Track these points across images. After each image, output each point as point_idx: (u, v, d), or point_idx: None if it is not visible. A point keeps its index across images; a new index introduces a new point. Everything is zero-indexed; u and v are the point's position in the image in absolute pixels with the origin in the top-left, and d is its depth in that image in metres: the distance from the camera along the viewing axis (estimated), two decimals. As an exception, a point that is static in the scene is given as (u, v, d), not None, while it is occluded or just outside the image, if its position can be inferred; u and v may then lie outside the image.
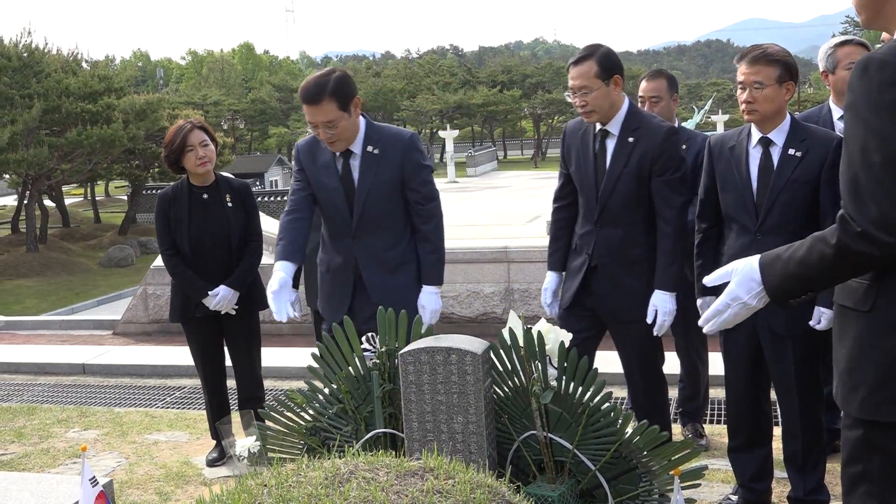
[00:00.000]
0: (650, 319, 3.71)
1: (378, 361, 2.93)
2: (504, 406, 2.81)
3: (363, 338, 2.97)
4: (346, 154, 3.74)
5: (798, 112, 3.59)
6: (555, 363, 2.76)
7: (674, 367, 4.84)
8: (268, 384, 5.05)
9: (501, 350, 2.79)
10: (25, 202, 20.54)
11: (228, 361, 4.83)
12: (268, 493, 2.05)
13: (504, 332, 2.80)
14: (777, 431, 3.77)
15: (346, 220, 3.77)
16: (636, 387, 3.89)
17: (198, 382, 5.41)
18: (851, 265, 2.00)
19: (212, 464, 4.74)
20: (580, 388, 2.71)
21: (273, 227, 7.78)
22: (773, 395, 3.69)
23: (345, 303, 3.80)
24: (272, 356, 6.49)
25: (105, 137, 18.72)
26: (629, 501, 2.72)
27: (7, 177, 22.31)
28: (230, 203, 4.62)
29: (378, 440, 2.89)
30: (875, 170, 1.92)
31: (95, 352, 7.98)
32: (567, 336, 2.84)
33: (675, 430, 4.73)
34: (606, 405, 2.72)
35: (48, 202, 23.16)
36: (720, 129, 31.35)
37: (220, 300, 4.54)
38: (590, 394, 2.71)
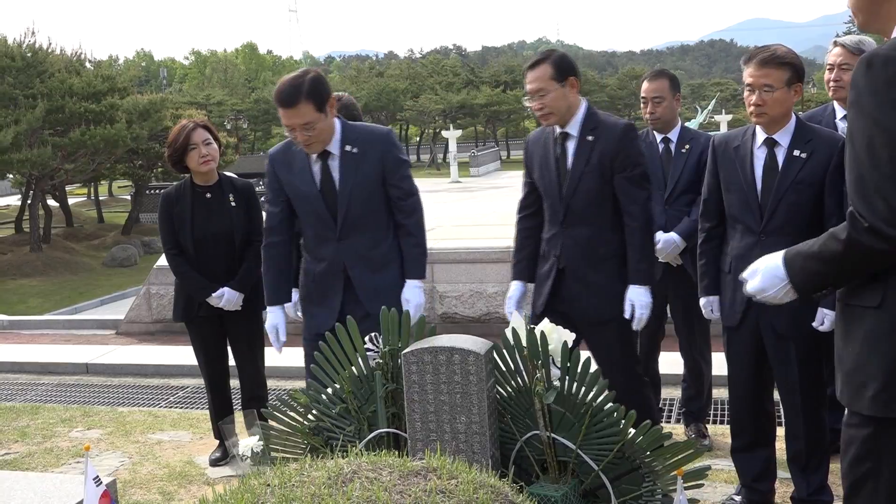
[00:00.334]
0: (628, 315, 3.73)
1: (381, 361, 2.94)
2: (507, 406, 2.81)
3: (366, 338, 2.98)
4: (324, 155, 3.70)
5: (802, 112, 3.58)
6: (558, 363, 2.76)
7: (677, 367, 4.84)
8: (271, 384, 5.05)
9: (504, 350, 2.79)
10: (29, 202, 20.53)
11: (232, 361, 4.83)
12: (271, 493, 2.05)
13: (507, 332, 2.80)
14: (780, 432, 3.76)
15: (330, 224, 3.73)
16: (617, 389, 3.89)
17: (201, 382, 5.40)
18: (862, 261, 2.00)
19: (215, 463, 4.75)
20: (583, 389, 2.71)
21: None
22: (777, 396, 3.69)
23: (335, 307, 3.76)
24: (275, 356, 6.46)
25: (108, 137, 18.70)
26: (632, 501, 2.72)
27: (11, 177, 22.33)
28: (233, 202, 4.62)
29: (381, 440, 2.89)
30: (882, 165, 1.92)
31: (99, 351, 7.99)
32: (570, 336, 2.84)
33: (679, 431, 4.74)
34: (609, 405, 2.72)
35: (52, 202, 23.14)
36: (723, 129, 31.27)
37: (227, 302, 4.55)
38: (593, 394, 2.71)
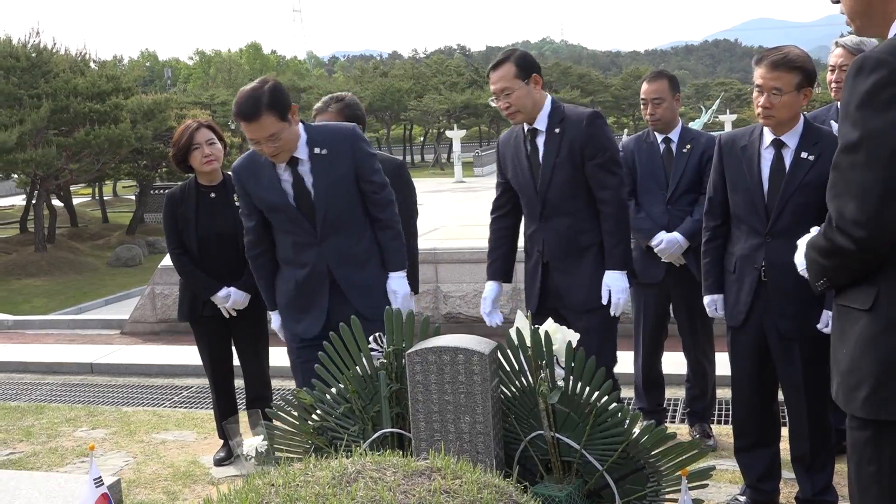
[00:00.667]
0: (605, 300, 3.74)
1: (385, 361, 2.94)
2: (511, 406, 2.81)
3: (370, 337, 2.98)
4: (293, 162, 3.64)
5: (806, 112, 3.56)
6: (562, 363, 2.76)
7: (681, 367, 4.84)
8: (275, 384, 5.06)
9: (509, 350, 2.79)
10: (34, 202, 20.55)
11: (236, 361, 4.84)
12: (275, 493, 2.05)
13: (511, 332, 2.79)
14: (784, 432, 3.76)
15: (309, 230, 3.69)
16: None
17: (205, 382, 5.41)
18: (840, 260, 2.05)
19: (219, 463, 4.75)
20: (587, 389, 2.71)
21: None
22: (781, 395, 3.68)
23: (322, 312, 3.74)
24: (280, 356, 6.47)
25: (113, 137, 18.71)
26: (636, 502, 2.71)
27: (15, 177, 22.36)
28: (237, 202, 4.62)
29: (385, 440, 2.89)
30: (857, 167, 1.95)
31: (103, 351, 8.00)
32: (574, 336, 2.84)
33: (683, 431, 4.73)
34: (614, 405, 2.71)
35: (56, 202, 23.17)
36: (728, 129, 31.18)
37: (233, 302, 4.56)
38: (597, 394, 2.70)
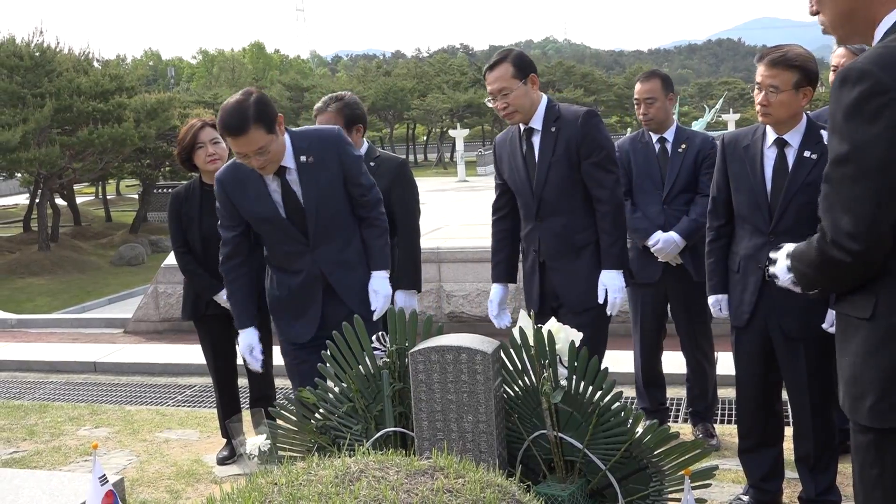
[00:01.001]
0: (601, 299, 3.74)
1: (388, 360, 2.94)
2: (514, 405, 2.81)
3: (373, 337, 2.98)
4: (280, 172, 3.62)
5: (809, 111, 3.56)
6: (565, 362, 2.76)
7: (682, 367, 4.83)
8: (278, 383, 5.06)
9: (511, 349, 2.79)
10: (37, 201, 20.60)
11: (240, 360, 4.83)
12: (278, 492, 2.05)
13: (514, 332, 2.79)
14: (788, 431, 3.75)
15: (301, 239, 3.69)
16: None
17: (208, 381, 5.41)
18: (834, 271, 2.04)
19: (222, 462, 4.76)
20: (590, 388, 2.71)
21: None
22: (784, 395, 3.67)
23: (315, 316, 3.74)
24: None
25: (116, 136, 18.75)
26: (639, 501, 2.71)
27: (19, 176, 22.39)
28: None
29: (388, 439, 2.89)
30: (848, 180, 1.94)
31: (107, 350, 8.01)
32: (577, 335, 2.84)
33: (686, 430, 4.73)
34: (617, 405, 2.71)
35: (60, 201, 23.22)
36: (731, 129, 31.17)
37: None
38: (600, 393, 2.70)
